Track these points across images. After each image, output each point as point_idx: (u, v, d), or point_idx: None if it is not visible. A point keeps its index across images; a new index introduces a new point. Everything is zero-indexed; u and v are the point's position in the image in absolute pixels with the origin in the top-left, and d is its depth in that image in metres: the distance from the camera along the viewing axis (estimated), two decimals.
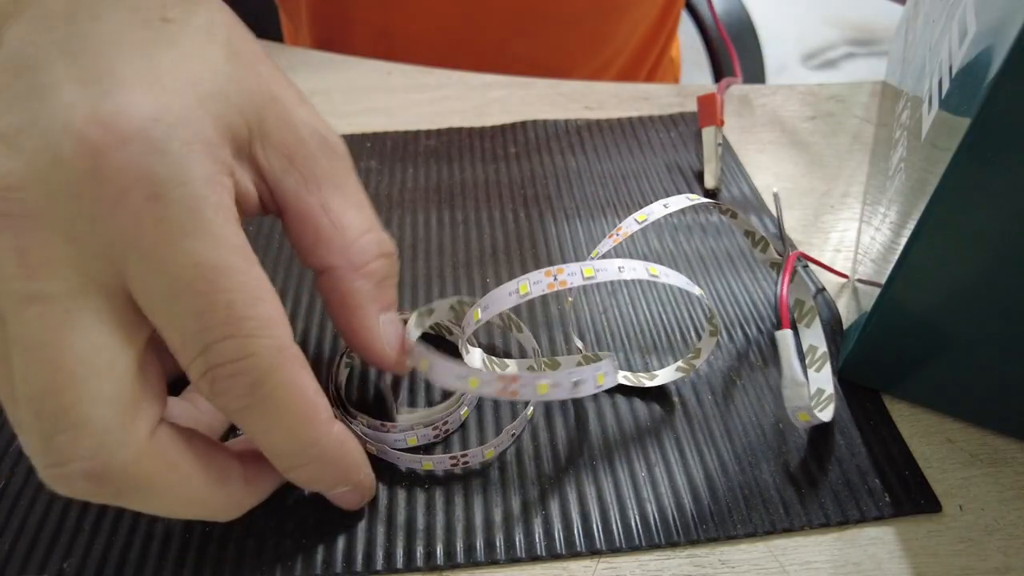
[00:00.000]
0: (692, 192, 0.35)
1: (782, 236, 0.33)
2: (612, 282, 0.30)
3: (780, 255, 0.29)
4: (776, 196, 0.33)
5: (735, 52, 0.69)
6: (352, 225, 0.21)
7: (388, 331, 0.22)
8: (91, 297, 0.17)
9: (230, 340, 0.17)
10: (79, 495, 0.17)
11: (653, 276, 0.22)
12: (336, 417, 0.21)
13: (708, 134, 0.38)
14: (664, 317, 0.29)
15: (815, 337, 0.27)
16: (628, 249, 0.32)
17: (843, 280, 0.31)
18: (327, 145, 0.21)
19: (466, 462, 0.24)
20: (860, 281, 0.28)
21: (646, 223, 0.24)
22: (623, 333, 0.28)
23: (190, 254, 0.17)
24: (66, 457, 0.17)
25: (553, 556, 0.22)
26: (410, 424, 0.24)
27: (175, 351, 0.18)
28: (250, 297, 0.17)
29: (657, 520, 0.22)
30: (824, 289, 0.30)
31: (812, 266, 0.31)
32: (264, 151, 0.20)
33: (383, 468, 0.24)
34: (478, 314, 0.23)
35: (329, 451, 0.20)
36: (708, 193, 0.35)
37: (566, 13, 0.54)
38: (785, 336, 0.22)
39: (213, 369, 0.17)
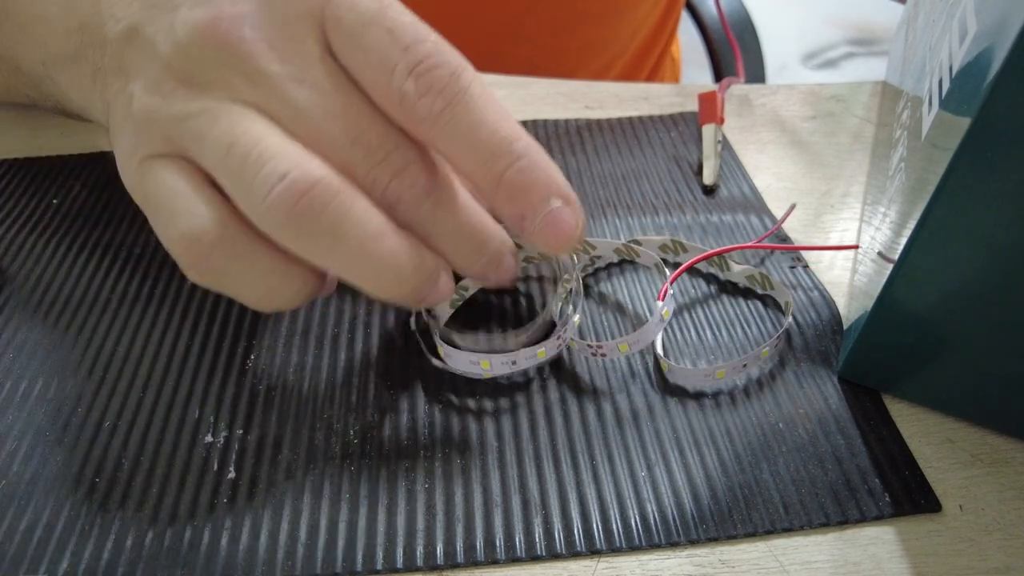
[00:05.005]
0: (691, 188, 0.35)
1: (782, 238, 0.33)
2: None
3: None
4: (792, 207, 0.33)
5: (739, 51, 0.69)
6: None
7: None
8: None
9: (425, 42, 0.21)
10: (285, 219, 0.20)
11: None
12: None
13: (708, 131, 0.38)
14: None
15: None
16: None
17: (843, 280, 0.31)
18: None
19: (603, 353, 0.26)
20: (860, 281, 0.28)
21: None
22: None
23: None
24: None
25: (553, 556, 0.22)
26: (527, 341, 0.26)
27: (377, 75, 0.21)
28: (423, 22, 0.21)
29: (657, 520, 0.22)
30: (824, 289, 0.30)
31: (812, 266, 0.31)
32: None
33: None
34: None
35: (533, 148, 0.21)
36: (706, 189, 0.36)
37: (568, 16, 0.54)
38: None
39: (416, 66, 0.20)
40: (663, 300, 0.26)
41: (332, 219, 0.20)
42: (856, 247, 0.32)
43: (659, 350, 0.27)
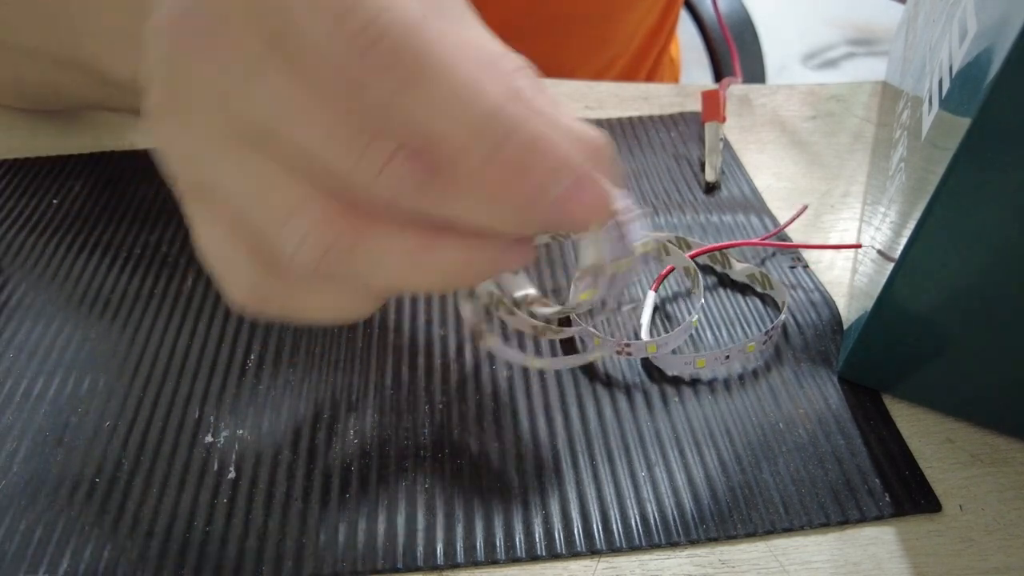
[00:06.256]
0: (692, 188, 0.35)
1: (783, 238, 0.33)
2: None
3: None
4: (804, 208, 0.33)
5: (736, 51, 0.69)
6: None
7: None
8: None
9: (360, 8, 0.17)
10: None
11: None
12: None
13: (711, 129, 0.38)
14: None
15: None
16: None
17: (843, 280, 0.31)
18: None
19: (629, 352, 0.26)
20: (860, 281, 0.28)
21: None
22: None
23: None
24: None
25: (553, 556, 0.22)
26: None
27: (321, 60, 0.17)
28: None
29: (657, 520, 0.22)
30: (824, 289, 0.30)
31: (812, 266, 0.31)
32: None
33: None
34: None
35: (523, 119, 0.17)
36: (708, 187, 0.36)
37: (567, 16, 0.54)
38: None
39: (352, 40, 0.17)
40: (655, 290, 0.27)
41: (364, 257, 0.19)
42: (858, 246, 0.32)
43: (644, 335, 0.27)
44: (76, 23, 0.31)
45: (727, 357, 0.26)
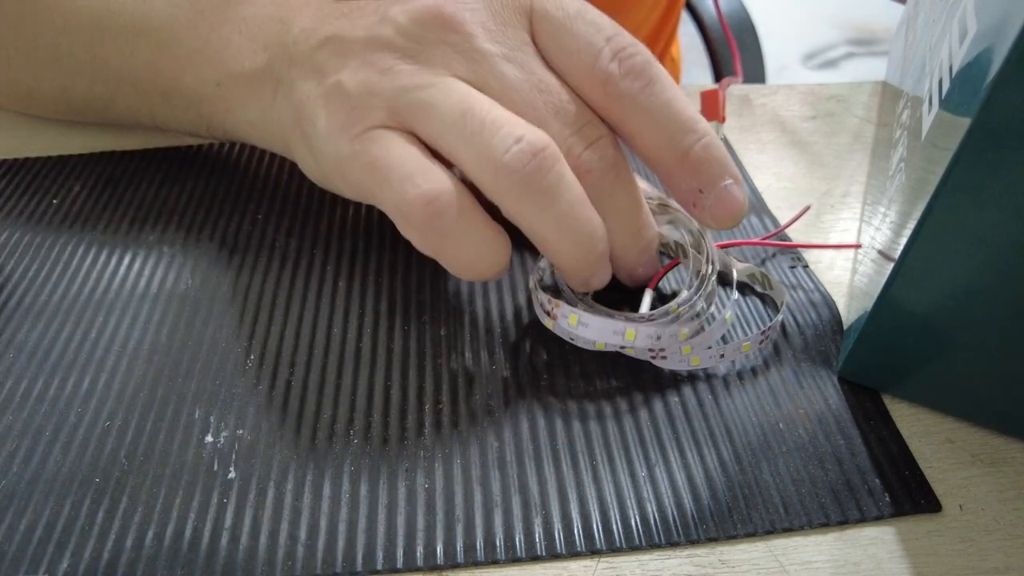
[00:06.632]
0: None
1: (782, 237, 0.33)
2: None
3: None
4: (806, 208, 0.33)
5: (737, 51, 0.69)
6: None
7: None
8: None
9: (623, 35, 0.25)
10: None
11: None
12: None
13: None
14: None
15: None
16: None
17: (843, 280, 0.31)
18: None
19: (664, 356, 0.26)
20: (860, 281, 0.28)
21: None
22: None
23: None
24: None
25: (553, 556, 0.22)
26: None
27: (582, 58, 0.24)
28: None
29: (657, 520, 0.22)
30: (824, 288, 0.30)
31: (812, 266, 0.31)
32: None
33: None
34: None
35: (712, 130, 0.25)
36: None
37: None
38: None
39: (619, 52, 0.24)
40: (653, 288, 0.28)
41: (553, 180, 0.23)
42: (858, 246, 0.32)
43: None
44: (154, 40, 0.32)
45: (722, 356, 0.26)
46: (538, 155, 0.22)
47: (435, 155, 0.25)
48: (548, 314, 0.26)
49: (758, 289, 0.30)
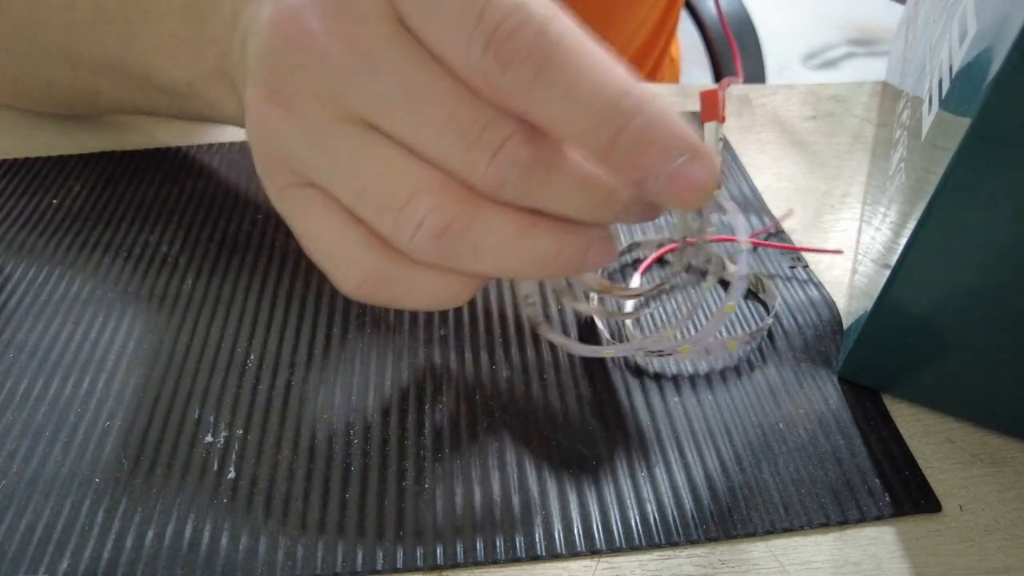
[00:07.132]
0: None
1: (781, 237, 0.33)
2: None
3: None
4: (790, 211, 0.34)
5: (738, 50, 0.69)
6: None
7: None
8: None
9: (500, 2, 0.18)
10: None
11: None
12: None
13: (710, 129, 0.38)
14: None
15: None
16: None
17: (843, 280, 0.31)
18: None
19: (664, 354, 0.26)
20: (860, 281, 0.28)
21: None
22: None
23: None
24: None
25: (553, 556, 0.22)
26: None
27: (454, 49, 0.19)
28: None
29: (657, 520, 0.22)
30: (824, 287, 0.30)
31: (812, 266, 0.31)
32: None
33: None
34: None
35: (647, 100, 0.19)
36: None
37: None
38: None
39: (493, 33, 0.18)
40: (642, 274, 0.27)
41: (472, 241, 0.21)
42: (839, 251, 0.32)
43: (630, 325, 0.28)
44: (131, 30, 0.32)
45: (707, 352, 0.26)
46: (442, 237, 0.20)
47: None
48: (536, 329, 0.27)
49: (752, 291, 0.30)
